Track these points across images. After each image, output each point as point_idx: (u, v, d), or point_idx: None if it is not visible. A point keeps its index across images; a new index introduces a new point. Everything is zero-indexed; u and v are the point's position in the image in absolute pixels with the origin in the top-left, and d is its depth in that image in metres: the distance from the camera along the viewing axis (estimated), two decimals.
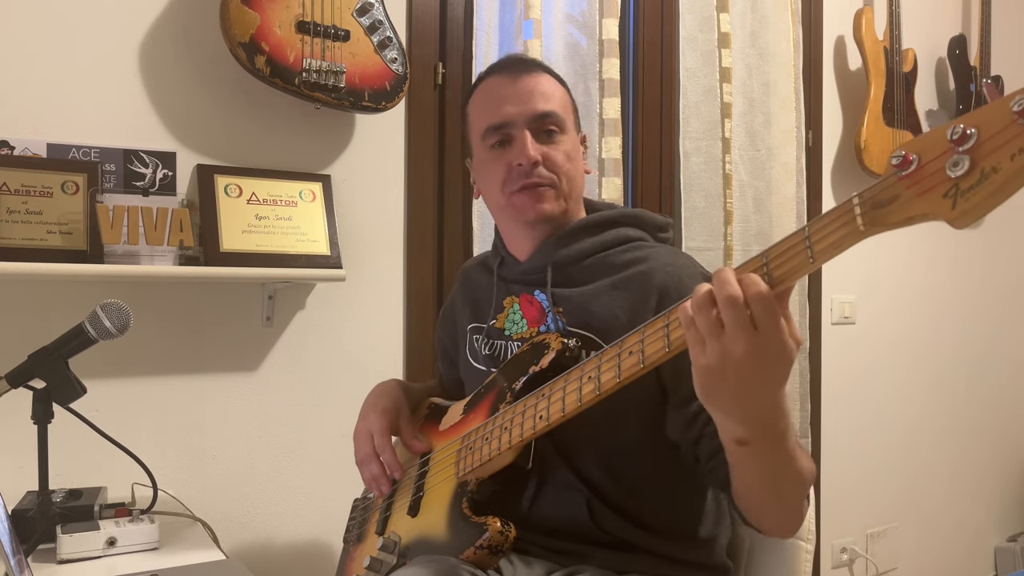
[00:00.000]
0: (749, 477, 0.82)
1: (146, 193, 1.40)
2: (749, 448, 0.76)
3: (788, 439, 0.77)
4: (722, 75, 2.07)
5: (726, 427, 0.77)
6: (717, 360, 0.68)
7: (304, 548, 1.63)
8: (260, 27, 1.44)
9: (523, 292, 1.10)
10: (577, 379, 0.86)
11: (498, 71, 1.10)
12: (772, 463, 0.79)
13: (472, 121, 1.12)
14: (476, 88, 1.13)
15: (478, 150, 1.11)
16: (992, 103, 0.55)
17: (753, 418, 0.73)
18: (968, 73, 2.65)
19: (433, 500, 1.02)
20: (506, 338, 1.10)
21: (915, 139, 0.59)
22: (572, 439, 0.99)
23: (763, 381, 0.70)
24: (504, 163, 1.05)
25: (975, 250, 2.81)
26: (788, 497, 0.84)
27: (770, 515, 0.87)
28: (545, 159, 1.04)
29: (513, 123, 1.05)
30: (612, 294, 1.01)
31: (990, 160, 0.54)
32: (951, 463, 2.78)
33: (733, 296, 0.67)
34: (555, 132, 1.06)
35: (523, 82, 1.06)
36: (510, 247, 1.14)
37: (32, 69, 1.38)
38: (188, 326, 1.51)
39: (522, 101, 1.05)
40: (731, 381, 0.69)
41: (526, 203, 1.05)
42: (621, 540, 0.99)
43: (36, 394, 1.11)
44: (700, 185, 2.07)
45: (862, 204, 0.61)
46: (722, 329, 0.67)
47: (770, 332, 0.67)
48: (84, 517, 1.12)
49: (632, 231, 1.08)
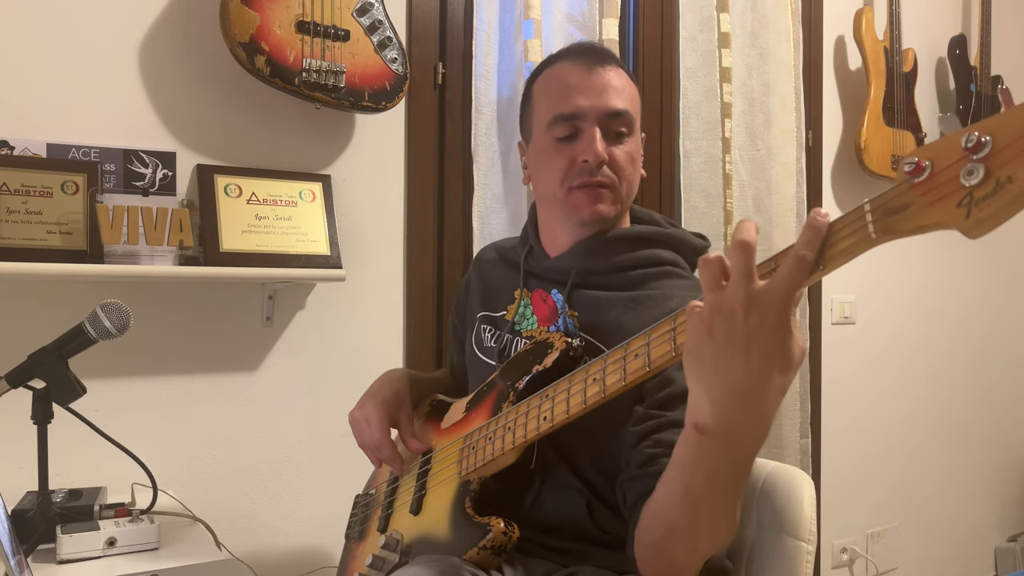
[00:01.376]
0: (681, 483, 0.74)
1: (146, 193, 1.40)
2: (706, 440, 0.68)
3: (743, 462, 0.71)
4: (722, 75, 2.07)
5: (695, 400, 0.69)
6: (709, 310, 0.64)
7: (304, 548, 1.63)
8: (260, 27, 1.44)
9: (539, 288, 1.09)
10: (582, 380, 0.86)
11: (573, 57, 1.04)
12: (713, 473, 0.71)
13: (537, 104, 1.06)
14: (546, 69, 1.07)
15: (540, 137, 1.05)
16: (1008, 111, 0.54)
17: (726, 397, 0.65)
18: (968, 73, 2.65)
19: (435, 499, 1.02)
20: (515, 333, 1.09)
21: (928, 145, 0.58)
22: (570, 440, 0.99)
23: (749, 352, 0.63)
24: (568, 156, 1.01)
25: (974, 250, 2.81)
26: (702, 530, 0.76)
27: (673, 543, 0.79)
28: (611, 159, 1.01)
29: (584, 116, 1.00)
30: (626, 308, 1.00)
31: (1006, 170, 0.52)
32: (951, 463, 2.78)
33: (745, 242, 0.62)
34: (624, 134, 1.03)
35: (599, 74, 1.02)
36: (544, 239, 1.11)
37: (32, 69, 1.38)
38: (188, 326, 1.51)
39: (596, 95, 1.01)
40: (718, 338, 0.64)
41: (584, 201, 1.01)
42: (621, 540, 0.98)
43: (36, 394, 1.11)
44: (700, 185, 2.07)
45: (873, 211, 0.60)
46: (724, 283, 0.64)
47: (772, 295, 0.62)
48: (84, 517, 1.12)
49: (666, 253, 1.05)
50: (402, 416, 1.13)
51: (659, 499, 0.79)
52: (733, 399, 0.65)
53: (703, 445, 0.69)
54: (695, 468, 0.72)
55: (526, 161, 1.13)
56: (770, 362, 0.64)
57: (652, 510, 0.81)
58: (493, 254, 1.23)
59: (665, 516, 0.78)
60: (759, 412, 0.66)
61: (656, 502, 0.80)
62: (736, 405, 0.66)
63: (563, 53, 1.08)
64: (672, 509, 0.77)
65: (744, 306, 0.62)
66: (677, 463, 0.75)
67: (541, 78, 1.08)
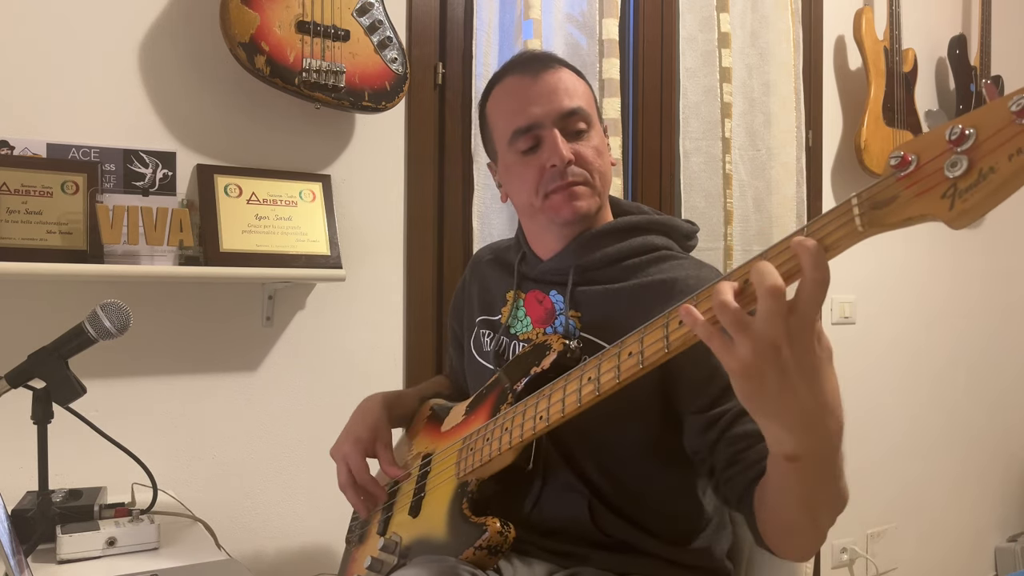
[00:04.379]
0: (789, 495, 0.76)
1: (146, 193, 1.40)
2: (800, 464, 0.71)
3: (839, 453, 0.72)
4: (722, 75, 2.07)
5: (776, 438, 0.71)
6: (752, 353, 0.63)
7: (304, 548, 1.63)
8: (260, 27, 1.44)
9: (534, 290, 1.09)
10: (577, 380, 0.86)
11: (516, 70, 1.06)
12: (818, 480, 0.73)
13: (494, 124, 1.08)
14: (494, 88, 1.09)
15: (505, 154, 1.07)
16: (990, 103, 0.55)
17: (802, 422, 0.67)
18: (968, 73, 2.65)
19: (434, 501, 1.02)
20: (512, 337, 1.10)
21: (914, 139, 0.59)
22: (572, 440, 0.99)
23: (805, 375, 0.64)
24: (536, 166, 1.02)
25: (975, 250, 2.81)
26: (821, 519, 0.79)
27: (797, 536, 0.82)
28: (577, 157, 1.01)
29: (541, 123, 1.02)
30: (630, 302, 1.00)
31: (988, 160, 0.54)
32: (951, 463, 2.78)
33: (778, 288, 0.62)
34: (584, 130, 1.04)
35: (544, 80, 1.03)
36: (534, 246, 1.12)
37: (32, 69, 1.38)
38: (188, 326, 1.51)
39: (547, 100, 1.02)
40: (769, 379, 0.64)
41: (561, 203, 1.02)
42: (621, 542, 0.99)
43: (36, 394, 1.11)
44: (700, 185, 2.07)
45: (860, 204, 0.61)
46: (749, 322, 0.63)
47: (806, 321, 0.63)
48: (84, 517, 1.12)
49: (658, 239, 1.06)
50: (379, 447, 1.12)
51: (772, 506, 0.81)
52: (807, 423, 0.67)
53: (800, 469, 0.72)
54: (799, 485, 0.74)
55: (499, 180, 1.14)
56: (824, 374, 0.66)
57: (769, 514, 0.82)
58: (489, 255, 1.24)
59: (784, 520, 0.80)
60: (831, 414, 0.68)
61: (769, 507, 0.81)
62: (812, 425, 0.68)
63: (506, 68, 1.09)
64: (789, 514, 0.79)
65: (788, 342, 0.63)
66: (780, 484, 0.77)
67: (492, 97, 1.09)
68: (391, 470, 1.11)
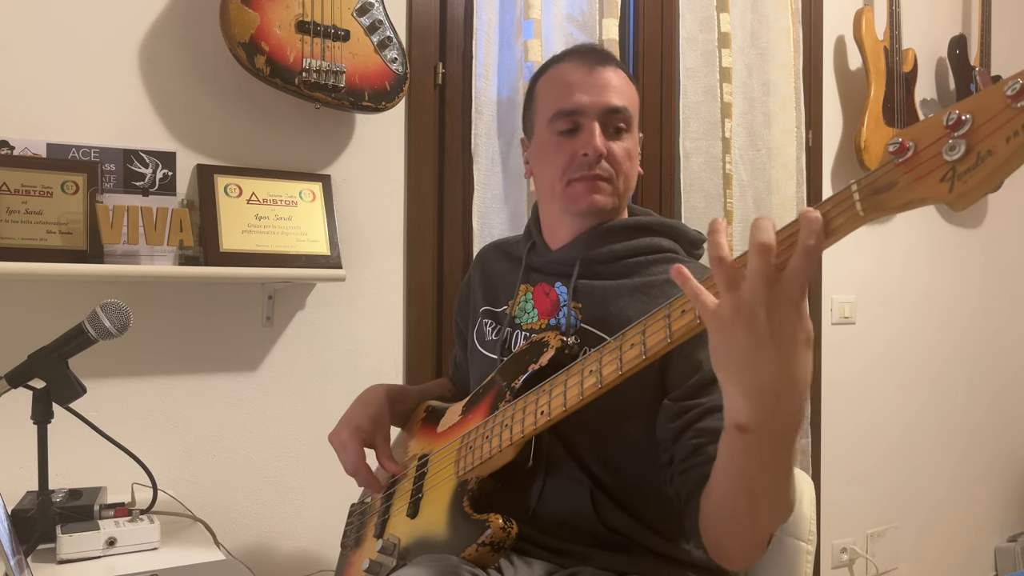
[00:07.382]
0: (734, 477, 0.76)
1: (146, 193, 1.40)
2: (749, 436, 0.70)
3: (791, 446, 0.72)
4: (722, 75, 2.07)
5: (732, 403, 0.71)
6: (730, 312, 0.65)
7: (304, 548, 1.63)
8: (260, 27, 1.44)
9: (542, 282, 1.11)
10: (578, 373, 0.86)
11: (576, 57, 1.09)
12: (764, 462, 0.73)
13: (540, 101, 1.10)
14: (549, 69, 1.11)
15: (541, 132, 1.09)
16: (986, 89, 0.56)
17: (761, 390, 0.67)
18: (968, 73, 2.65)
19: (433, 500, 1.01)
20: (516, 326, 1.11)
21: (912, 126, 0.60)
22: (575, 433, 1.00)
23: (778, 345, 0.64)
24: (568, 151, 1.05)
25: (975, 249, 2.81)
26: (760, 515, 0.78)
27: (734, 527, 0.81)
28: (609, 154, 1.04)
29: (584, 112, 1.04)
30: (633, 297, 1.02)
31: (986, 143, 0.55)
32: (951, 463, 2.78)
33: (767, 244, 0.63)
34: (623, 129, 1.06)
35: (599, 74, 1.06)
36: (546, 233, 1.14)
37: (32, 69, 1.38)
38: (188, 326, 1.51)
39: (596, 92, 1.04)
40: (744, 340, 0.65)
41: (581, 192, 1.04)
42: (622, 539, 0.99)
43: (36, 394, 1.11)
44: (700, 185, 2.07)
45: (860, 191, 0.62)
46: (741, 280, 0.65)
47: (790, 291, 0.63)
48: (84, 517, 1.12)
49: (665, 242, 1.08)
50: (378, 439, 1.13)
51: (716, 492, 0.81)
52: (768, 395, 0.67)
53: (749, 443, 0.71)
54: (745, 464, 0.74)
55: (528, 156, 1.16)
56: (798, 351, 0.65)
57: (711, 503, 0.82)
58: (496, 251, 1.25)
59: (725, 507, 0.80)
60: (794, 396, 0.68)
61: (713, 495, 0.82)
62: (772, 400, 0.68)
63: (566, 53, 1.11)
64: (730, 500, 0.79)
65: (767, 306, 0.63)
66: (726, 462, 0.77)
67: (545, 76, 1.11)
68: (388, 464, 1.11)
